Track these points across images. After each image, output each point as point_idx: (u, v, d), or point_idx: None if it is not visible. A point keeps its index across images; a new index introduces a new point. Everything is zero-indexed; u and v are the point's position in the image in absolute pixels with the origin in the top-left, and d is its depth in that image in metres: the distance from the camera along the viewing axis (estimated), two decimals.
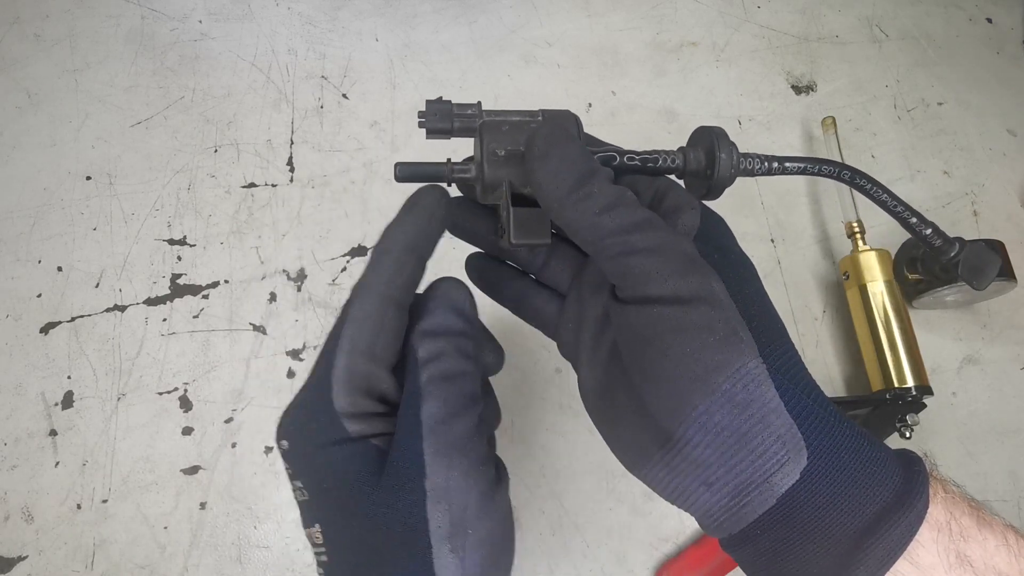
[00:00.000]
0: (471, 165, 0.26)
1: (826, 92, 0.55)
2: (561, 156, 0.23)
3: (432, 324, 0.23)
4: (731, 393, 0.20)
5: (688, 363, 0.21)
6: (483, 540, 0.22)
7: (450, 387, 0.22)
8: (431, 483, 0.21)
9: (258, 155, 0.48)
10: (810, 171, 0.31)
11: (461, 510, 0.21)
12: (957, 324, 0.48)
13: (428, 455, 0.21)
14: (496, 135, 0.26)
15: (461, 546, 0.21)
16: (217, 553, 0.37)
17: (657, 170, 0.29)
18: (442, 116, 0.26)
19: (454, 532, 0.21)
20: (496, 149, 0.25)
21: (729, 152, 0.28)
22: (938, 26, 0.59)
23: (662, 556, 0.39)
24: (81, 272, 0.43)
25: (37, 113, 0.47)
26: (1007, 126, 0.55)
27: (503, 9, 0.55)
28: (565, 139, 0.23)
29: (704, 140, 0.29)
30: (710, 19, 0.57)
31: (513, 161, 0.25)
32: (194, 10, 0.52)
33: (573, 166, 0.23)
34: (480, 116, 0.26)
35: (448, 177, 0.26)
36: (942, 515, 0.21)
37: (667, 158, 0.28)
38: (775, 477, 0.20)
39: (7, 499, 0.38)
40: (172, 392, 0.41)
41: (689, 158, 0.29)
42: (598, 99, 0.52)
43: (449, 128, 0.26)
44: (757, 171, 0.30)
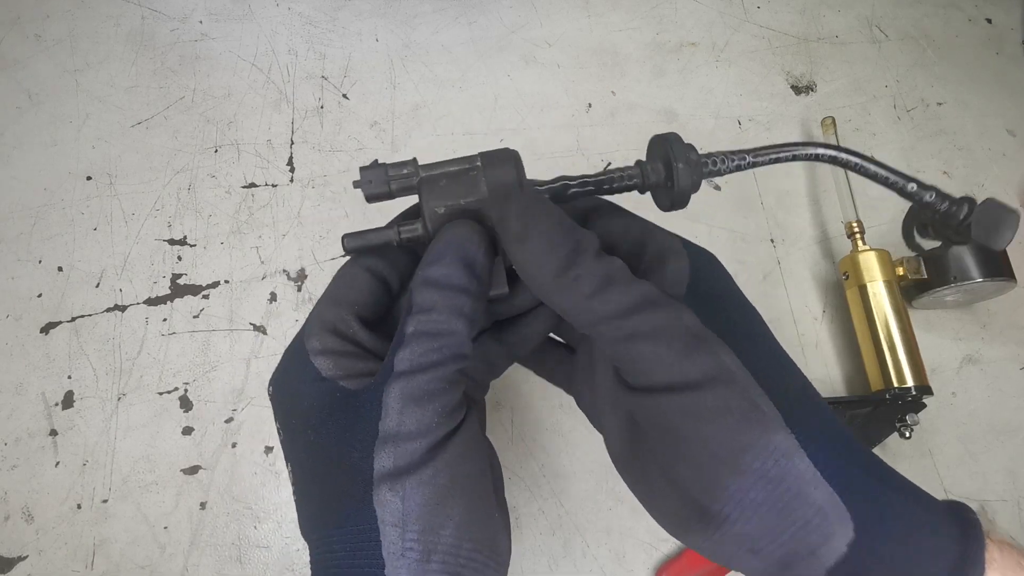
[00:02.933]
0: (417, 223, 0.25)
1: (826, 92, 0.55)
2: (540, 235, 0.22)
3: (434, 273, 0.23)
4: (763, 471, 0.20)
5: (712, 448, 0.20)
6: (425, 482, 0.22)
7: (431, 342, 0.22)
8: (384, 425, 0.22)
9: (258, 155, 0.48)
10: (784, 158, 0.29)
11: (407, 455, 0.22)
12: (957, 324, 0.48)
13: (388, 399, 0.22)
14: (434, 192, 0.25)
15: (401, 486, 0.21)
16: (217, 553, 0.37)
17: (615, 190, 0.28)
18: (377, 181, 0.26)
19: (395, 473, 0.21)
20: (436, 208, 0.25)
21: (687, 160, 0.27)
22: (938, 26, 0.59)
23: (662, 556, 0.39)
24: (81, 272, 0.43)
25: (38, 113, 0.47)
26: (1007, 126, 0.56)
27: (503, 9, 0.55)
28: (542, 214, 0.23)
29: (660, 150, 0.28)
30: (710, 19, 0.57)
31: (455, 216, 0.25)
32: (194, 10, 0.52)
33: (555, 247, 0.22)
34: (416, 173, 0.26)
35: (396, 240, 0.25)
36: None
37: (625, 176, 0.28)
38: (821, 550, 0.20)
39: (7, 499, 0.38)
40: (172, 392, 0.41)
41: (647, 172, 0.28)
42: (598, 99, 0.52)
43: (387, 191, 0.26)
44: (725, 170, 0.29)
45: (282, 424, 0.24)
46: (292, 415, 0.24)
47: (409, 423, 0.22)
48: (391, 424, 0.22)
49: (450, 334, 0.23)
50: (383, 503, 0.21)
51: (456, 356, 0.23)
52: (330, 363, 0.23)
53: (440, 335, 0.22)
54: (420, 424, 0.22)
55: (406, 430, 0.22)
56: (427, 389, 0.22)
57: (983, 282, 0.42)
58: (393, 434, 0.22)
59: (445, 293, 0.23)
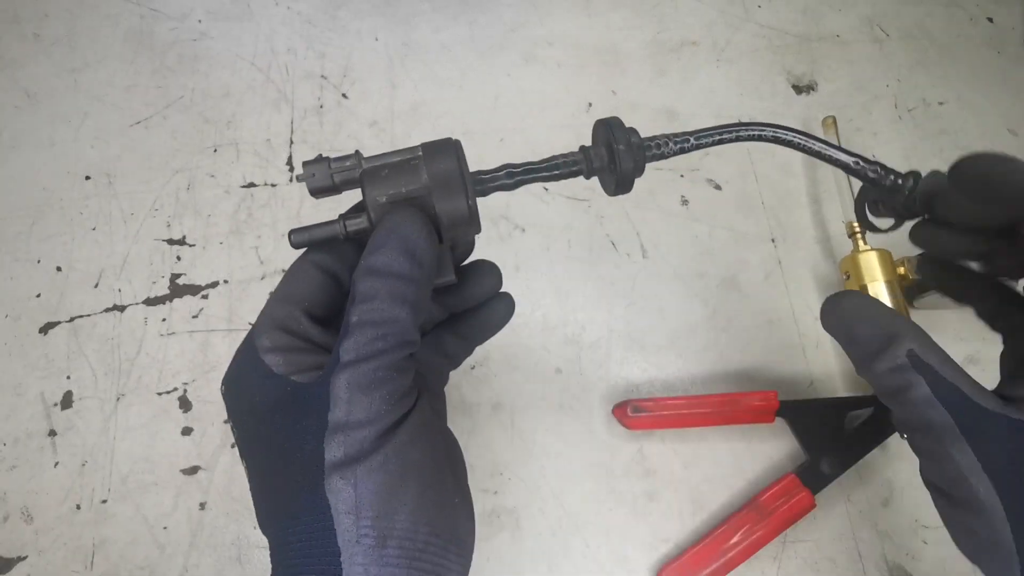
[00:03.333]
0: (363, 215, 0.25)
1: (827, 92, 0.55)
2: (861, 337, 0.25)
3: (375, 262, 0.23)
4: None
5: None
6: (376, 469, 0.22)
7: (374, 331, 0.23)
8: (333, 416, 0.22)
9: (257, 155, 0.47)
10: (727, 139, 0.29)
11: (357, 444, 0.22)
12: (958, 324, 0.48)
13: (335, 389, 0.22)
14: (376, 182, 0.25)
15: (352, 474, 0.22)
16: (217, 553, 0.37)
17: (559, 176, 0.28)
18: (321, 175, 0.26)
19: (346, 462, 0.22)
20: (378, 198, 0.25)
21: (628, 143, 0.27)
22: (939, 26, 0.59)
23: (662, 556, 0.39)
24: (80, 272, 0.43)
25: (36, 113, 0.47)
26: (1008, 126, 0.55)
27: (503, 8, 0.55)
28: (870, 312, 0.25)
29: (602, 135, 0.28)
30: (711, 18, 0.57)
31: (398, 205, 0.25)
32: (193, 10, 0.52)
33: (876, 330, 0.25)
34: (359, 166, 0.26)
35: (343, 234, 0.26)
36: None
37: (569, 162, 0.28)
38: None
39: (7, 499, 0.38)
40: (171, 392, 0.41)
41: (591, 156, 0.28)
42: (598, 98, 0.52)
43: (331, 185, 0.26)
44: (668, 152, 0.29)
45: (235, 421, 0.25)
46: (244, 412, 0.24)
47: (357, 412, 0.22)
48: (340, 414, 0.22)
49: (394, 321, 0.23)
50: (335, 492, 0.21)
51: (401, 343, 0.23)
52: (280, 359, 0.24)
53: (384, 323, 0.23)
54: (368, 412, 0.22)
55: (355, 419, 0.22)
56: (373, 377, 0.22)
57: None
58: (342, 424, 0.22)
59: (387, 281, 0.23)
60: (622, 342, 0.44)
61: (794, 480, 0.39)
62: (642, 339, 0.44)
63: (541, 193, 0.48)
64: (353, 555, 0.21)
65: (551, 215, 0.47)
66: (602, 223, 0.48)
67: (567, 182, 0.50)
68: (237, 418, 0.25)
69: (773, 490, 0.38)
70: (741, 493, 0.41)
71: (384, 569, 0.21)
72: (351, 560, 0.21)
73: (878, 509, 0.41)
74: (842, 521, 0.40)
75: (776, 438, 0.42)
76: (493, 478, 0.40)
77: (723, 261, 0.47)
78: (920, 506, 0.41)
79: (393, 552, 0.22)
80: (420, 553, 0.22)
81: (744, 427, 0.42)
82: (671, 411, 0.40)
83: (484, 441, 0.41)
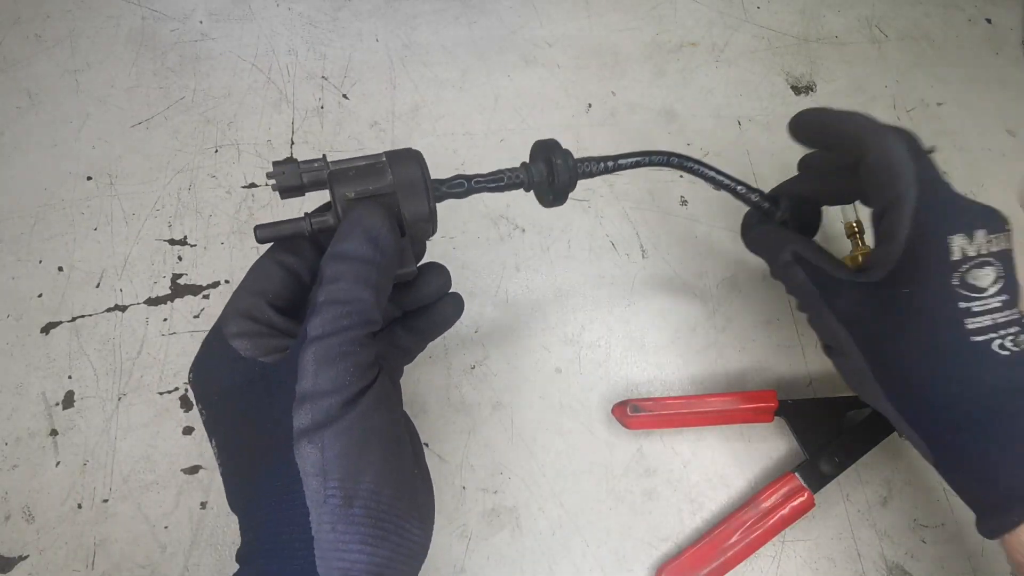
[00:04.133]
0: (328, 214, 0.28)
1: (825, 92, 0.55)
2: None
3: (340, 248, 0.26)
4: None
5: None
6: (342, 432, 0.23)
7: (339, 308, 0.25)
8: (301, 386, 0.24)
9: (259, 155, 0.48)
10: (642, 164, 0.35)
11: (324, 411, 0.23)
12: None
13: (302, 363, 0.24)
14: (344, 181, 0.27)
15: (319, 438, 0.23)
16: (218, 553, 0.37)
17: (504, 187, 0.31)
18: (290, 174, 0.27)
19: (313, 427, 0.23)
20: (346, 193, 0.27)
21: (565, 159, 0.31)
22: (937, 27, 0.59)
23: (662, 556, 0.39)
24: (82, 272, 0.43)
25: (38, 113, 0.47)
26: (1006, 127, 0.56)
27: (503, 10, 0.55)
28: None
29: (542, 153, 0.32)
30: (710, 19, 0.57)
31: (363, 200, 0.27)
32: (195, 11, 0.52)
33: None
34: (327, 168, 0.28)
35: (307, 229, 0.28)
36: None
37: (513, 175, 0.31)
38: None
39: (8, 499, 0.38)
40: (173, 392, 0.41)
41: (532, 172, 0.32)
42: (598, 99, 0.52)
43: (299, 184, 0.28)
44: (596, 172, 0.33)
45: (204, 404, 0.27)
46: (214, 393, 0.26)
47: (323, 382, 0.24)
48: (307, 384, 0.24)
49: (357, 300, 0.25)
50: (304, 456, 0.23)
51: (364, 321, 0.25)
52: (247, 343, 0.26)
53: (348, 302, 0.25)
54: (334, 382, 0.24)
55: (321, 388, 0.24)
56: (339, 351, 0.24)
57: None
58: (309, 393, 0.23)
59: (351, 264, 0.25)
60: (622, 342, 0.44)
61: (793, 479, 0.39)
62: (642, 339, 0.45)
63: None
64: (321, 514, 0.23)
65: (551, 215, 0.47)
66: (602, 223, 0.48)
67: None
68: (207, 400, 0.27)
69: (772, 490, 0.39)
70: (740, 492, 0.41)
71: (351, 527, 0.23)
72: (319, 519, 0.22)
73: (877, 508, 0.41)
74: (841, 520, 0.41)
75: (775, 438, 0.42)
76: (493, 478, 0.40)
77: (723, 261, 0.47)
78: (919, 505, 0.41)
79: (359, 512, 0.23)
80: (384, 514, 0.24)
81: (743, 427, 0.42)
82: (671, 411, 0.41)
83: (484, 441, 0.41)
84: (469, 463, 0.41)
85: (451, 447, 0.41)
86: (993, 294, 0.29)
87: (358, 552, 0.23)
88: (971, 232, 0.29)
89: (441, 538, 0.39)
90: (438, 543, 0.38)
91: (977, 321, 0.29)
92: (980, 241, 0.29)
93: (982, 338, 0.29)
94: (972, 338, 0.29)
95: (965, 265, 0.29)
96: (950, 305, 0.29)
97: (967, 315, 0.29)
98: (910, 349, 0.30)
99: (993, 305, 0.29)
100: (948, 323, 0.29)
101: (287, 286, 0.28)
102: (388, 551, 0.24)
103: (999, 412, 0.28)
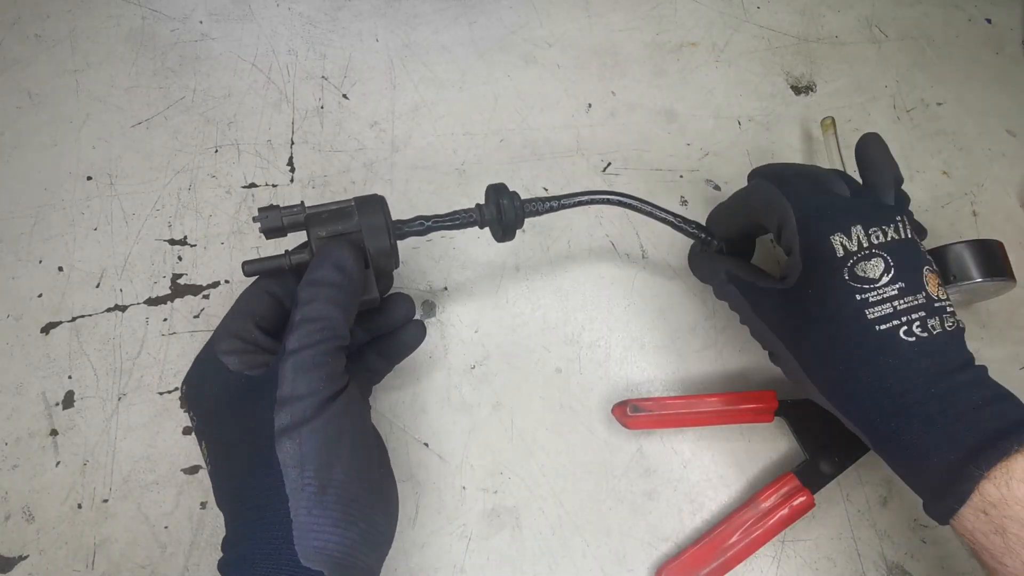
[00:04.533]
0: (305, 252, 0.33)
1: (825, 92, 0.55)
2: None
3: (313, 275, 0.30)
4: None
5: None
6: (317, 430, 0.27)
7: (313, 325, 0.29)
8: (281, 392, 0.28)
9: (259, 155, 0.48)
10: (585, 202, 0.39)
11: (301, 411, 0.27)
12: None
13: (283, 372, 0.28)
14: (318, 223, 0.32)
15: (297, 435, 0.27)
16: (218, 552, 0.37)
17: (460, 225, 0.36)
18: (272, 218, 0.32)
19: (292, 426, 0.27)
20: (319, 233, 0.32)
21: (511, 200, 0.36)
22: (937, 26, 0.59)
23: (662, 556, 0.39)
24: (82, 272, 0.43)
25: (38, 113, 0.47)
26: (1006, 126, 0.56)
27: (503, 9, 0.55)
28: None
29: (492, 195, 0.37)
30: (710, 19, 0.57)
31: (333, 239, 0.32)
32: (195, 10, 0.52)
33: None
34: (303, 212, 0.33)
35: (287, 265, 0.33)
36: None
37: (467, 215, 0.36)
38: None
39: (8, 499, 0.38)
40: (173, 392, 0.41)
41: (484, 212, 0.36)
42: (598, 99, 0.52)
43: (281, 226, 0.33)
44: (542, 211, 0.38)
45: (197, 411, 0.31)
46: (206, 401, 0.30)
47: (300, 387, 0.28)
48: (286, 390, 0.28)
49: (328, 318, 0.29)
50: (284, 450, 0.27)
51: (334, 336, 0.29)
52: (235, 359, 0.30)
53: (320, 319, 0.29)
54: (309, 387, 0.28)
55: (298, 392, 0.28)
56: (313, 361, 0.28)
57: (983, 282, 0.42)
58: (288, 397, 0.28)
59: (323, 289, 0.30)
60: (622, 342, 0.44)
61: (793, 480, 0.39)
62: (642, 339, 0.45)
63: (540, 193, 0.48)
64: (299, 500, 0.26)
65: (550, 215, 0.47)
66: (602, 223, 0.48)
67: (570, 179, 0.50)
68: (199, 407, 0.31)
69: (772, 490, 0.39)
70: (740, 492, 0.41)
71: (324, 511, 0.27)
72: (296, 505, 0.26)
73: (877, 508, 0.41)
74: (841, 520, 0.41)
75: (775, 438, 0.42)
76: (493, 478, 0.40)
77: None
78: (919, 505, 0.41)
79: (331, 499, 0.27)
80: (352, 503, 0.28)
81: (743, 427, 0.42)
82: (670, 411, 0.41)
83: (484, 441, 0.41)
84: (469, 463, 0.41)
85: (451, 447, 0.41)
86: (886, 283, 0.31)
87: (330, 533, 0.27)
88: (847, 230, 0.32)
89: (441, 538, 0.39)
90: (438, 543, 0.38)
91: (877, 311, 0.31)
92: (859, 236, 0.32)
93: (886, 326, 0.31)
94: (877, 327, 0.31)
95: (851, 260, 0.32)
96: (849, 299, 0.31)
97: (866, 306, 0.31)
98: (828, 345, 0.32)
99: (889, 293, 0.31)
100: (852, 317, 0.31)
101: (271, 310, 0.33)
102: (356, 535, 0.27)
103: (920, 397, 0.30)
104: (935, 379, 0.30)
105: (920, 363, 0.30)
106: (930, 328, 0.31)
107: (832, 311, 0.32)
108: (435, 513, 0.39)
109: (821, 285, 0.32)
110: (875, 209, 0.33)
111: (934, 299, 0.31)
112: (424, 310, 0.44)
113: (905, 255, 0.32)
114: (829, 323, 0.32)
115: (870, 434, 0.32)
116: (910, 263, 0.32)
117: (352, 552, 0.27)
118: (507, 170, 0.49)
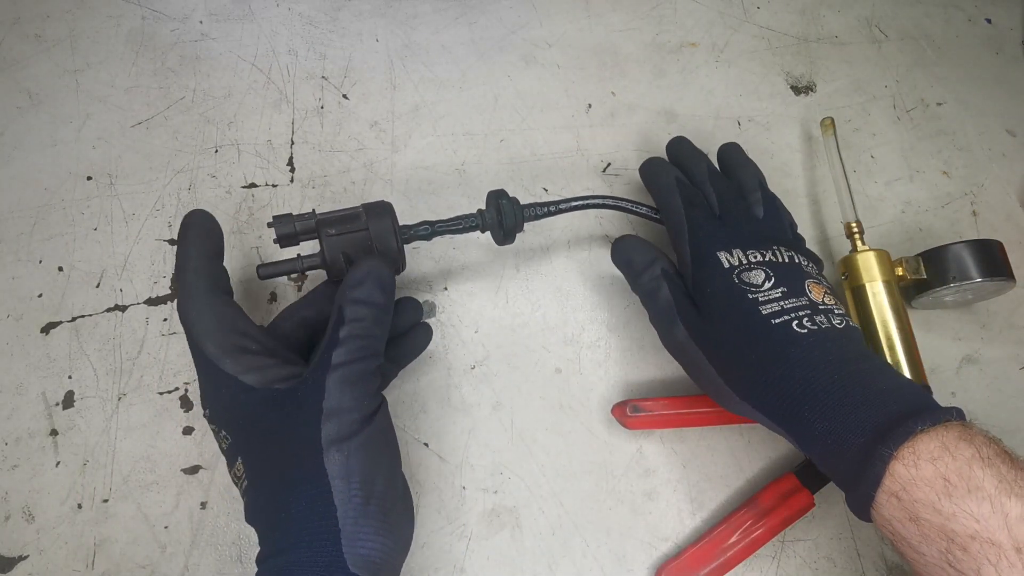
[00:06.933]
0: (316, 256, 0.35)
1: (825, 93, 0.55)
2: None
3: (361, 294, 0.31)
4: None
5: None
6: (363, 445, 0.29)
7: (360, 342, 0.30)
8: (327, 404, 0.29)
9: (258, 155, 0.48)
10: (579, 207, 0.41)
11: (348, 425, 0.29)
12: (956, 324, 0.48)
13: (329, 384, 0.29)
14: (328, 224, 0.34)
15: (346, 448, 0.28)
16: (217, 552, 0.37)
17: (464, 230, 0.38)
18: (285, 224, 0.34)
19: (340, 438, 0.28)
20: (328, 230, 0.34)
21: (511, 205, 0.38)
22: (937, 27, 0.59)
23: (662, 556, 0.39)
24: (82, 272, 0.43)
25: (38, 113, 0.47)
26: (1007, 126, 0.56)
27: (503, 10, 0.55)
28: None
29: (493, 200, 0.38)
30: (710, 20, 0.57)
31: (345, 237, 0.34)
32: (195, 11, 0.52)
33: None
34: (315, 217, 0.35)
35: (300, 268, 0.35)
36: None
37: (471, 219, 0.38)
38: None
39: (8, 499, 0.38)
40: (173, 392, 0.41)
41: (485, 216, 0.38)
42: (597, 100, 0.52)
43: (293, 232, 0.34)
44: (541, 215, 0.40)
45: (228, 430, 0.31)
46: (237, 419, 0.30)
47: (346, 400, 0.29)
48: (333, 402, 0.29)
49: (372, 337, 0.31)
50: (332, 462, 0.28)
51: (376, 353, 0.31)
52: (254, 376, 0.30)
53: (365, 337, 0.31)
54: (355, 401, 0.29)
55: (345, 406, 0.29)
56: (358, 376, 0.30)
57: (983, 282, 0.42)
58: (336, 409, 0.29)
59: (370, 308, 0.31)
60: (622, 342, 0.44)
61: (793, 480, 0.39)
62: (642, 339, 0.45)
63: (540, 193, 0.48)
64: (347, 510, 0.28)
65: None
66: (602, 223, 0.48)
67: (570, 180, 0.50)
68: (230, 426, 0.31)
69: (772, 489, 0.39)
70: (740, 492, 0.41)
71: (368, 521, 0.28)
72: (344, 515, 0.28)
73: None
74: (841, 520, 0.41)
75: (775, 438, 0.42)
76: (493, 478, 0.40)
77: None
78: None
79: (374, 509, 0.29)
80: (389, 512, 0.29)
81: (743, 427, 0.42)
82: (670, 411, 0.41)
83: (484, 441, 0.41)
84: (469, 463, 0.41)
85: (451, 447, 0.41)
86: (769, 288, 0.34)
87: (373, 541, 0.28)
88: (729, 250, 0.37)
89: (441, 538, 0.39)
90: (438, 543, 0.38)
91: (768, 307, 0.34)
92: (738, 256, 0.36)
93: (780, 320, 0.33)
94: (772, 320, 0.33)
95: (736, 270, 0.36)
96: (743, 296, 0.35)
97: (758, 304, 0.34)
98: (733, 337, 0.34)
99: (774, 295, 0.34)
100: (749, 310, 0.34)
101: (240, 316, 0.33)
102: (392, 541, 0.29)
103: (825, 384, 0.31)
104: (838, 366, 0.31)
105: (818, 351, 0.32)
106: (818, 323, 0.33)
107: (735, 306, 0.34)
108: (435, 513, 0.39)
109: (718, 286, 0.36)
110: (751, 238, 0.38)
111: (818, 303, 0.34)
112: (424, 310, 0.44)
113: (783, 269, 0.36)
114: (732, 314, 0.34)
115: (787, 427, 0.33)
116: (790, 275, 0.35)
117: (388, 558, 0.29)
118: (507, 170, 0.49)
